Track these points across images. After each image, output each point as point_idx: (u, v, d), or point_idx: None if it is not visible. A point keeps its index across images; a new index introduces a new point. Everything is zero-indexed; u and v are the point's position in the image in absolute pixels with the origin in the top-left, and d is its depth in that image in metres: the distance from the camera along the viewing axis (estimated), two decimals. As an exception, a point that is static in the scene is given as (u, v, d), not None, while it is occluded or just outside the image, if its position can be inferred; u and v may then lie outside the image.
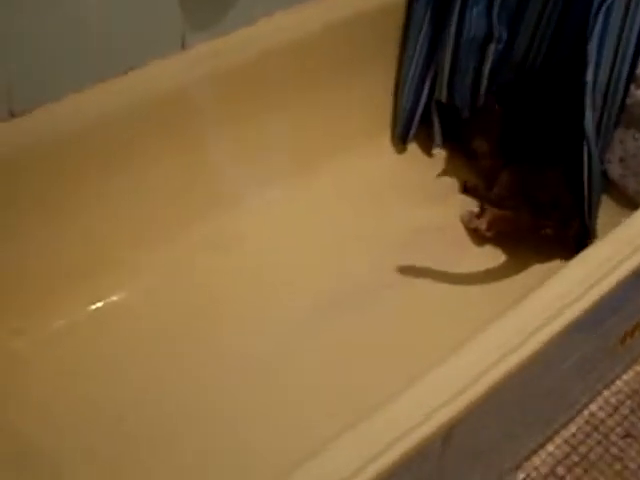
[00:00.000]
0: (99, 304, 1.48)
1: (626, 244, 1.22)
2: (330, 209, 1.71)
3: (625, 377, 1.63)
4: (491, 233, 1.67)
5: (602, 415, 1.58)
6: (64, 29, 1.25)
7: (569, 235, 1.62)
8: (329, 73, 1.64)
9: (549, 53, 1.66)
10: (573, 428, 1.55)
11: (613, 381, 1.62)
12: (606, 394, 1.61)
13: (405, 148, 1.85)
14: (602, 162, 1.63)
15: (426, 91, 1.75)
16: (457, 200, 1.76)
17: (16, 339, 1.39)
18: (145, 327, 1.47)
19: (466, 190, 1.76)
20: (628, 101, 1.60)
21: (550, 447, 1.53)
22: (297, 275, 1.58)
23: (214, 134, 1.51)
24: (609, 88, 1.56)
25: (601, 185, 1.60)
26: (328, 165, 1.74)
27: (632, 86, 1.58)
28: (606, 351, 1.49)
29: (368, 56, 1.68)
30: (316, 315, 1.51)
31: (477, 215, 1.71)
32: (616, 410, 1.58)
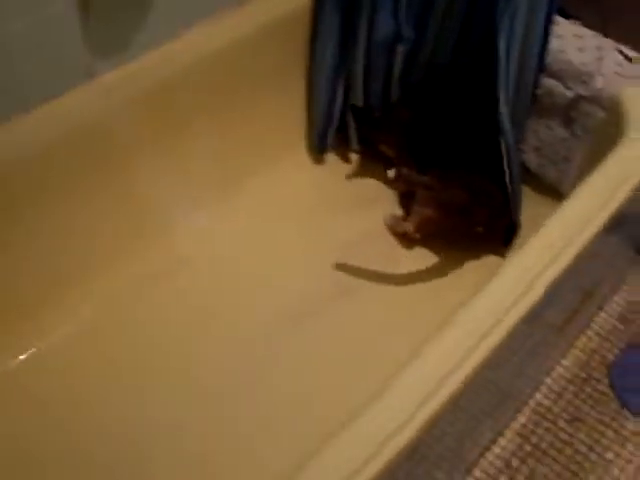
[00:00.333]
0: (33, 350, 1.42)
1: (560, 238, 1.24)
2: (261, 226, 1.68)
3: (565, 362, 1.65)
4: (420, 235, 1.67)
5: (548, 403, 1.59)
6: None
7: (498, 230, 1.64)
8: (243, 89, 1.61)
9: (457, 51, 1.67)
10: (522, 419, 1.56)
11: (553, 368, 1.64)
12: (549, 381, 1.62)
13: (324, 157, 1.83)
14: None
15: (339, 97, 1.74)
16: (381, 204, 1.76)
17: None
18: (94, 366, 1.43)
19: (398, 178, 1.75)
20: (538, 91, 1.62)
21: (502, 441, 1.53)
22: (242, 296, 1.56)
23: (137, 162, 1.45)
24: (520, 81, 1.57)
25: (521, 177, 1.62)
26: (253, 182, 1.72)
27: (541, 76, 1.60)
28: (546, 340, 1.51)
29: (280, 67, 1.66)
30: (272, 332, 1.50)
31: (403, 218, 1.71)
32: (560, 396, 1.60)
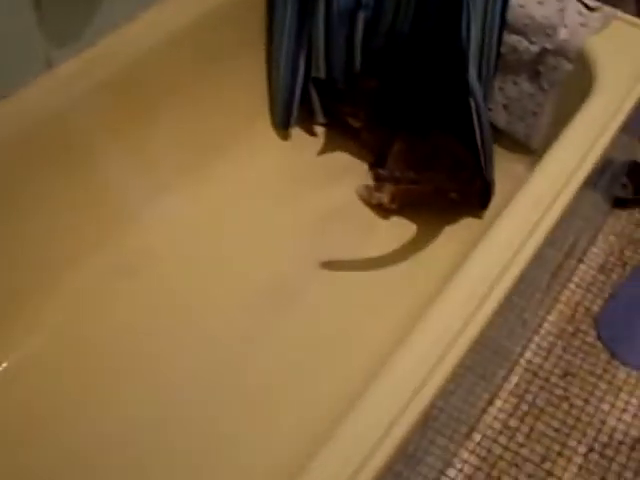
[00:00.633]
0: (4, 365, 1.35)
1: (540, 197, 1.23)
2: (231, 209, 1.63)
3: (550, 318, 1.65)
4: (396, 205, 1.64)
5: (538, 360, 1.59)
6: None
7: (473, 193, 1.62)
8: (203, 68, 1.55)
9: (418, 15, 1.63)
10: (514, 379, 1.56)
11: (540, 325, 1.64)
12: (537, 339, 1.62)
13: (289, 133, 1.79)
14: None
15: (302, 70, 1.69)
16: (352, 176, 1.72)
17: None
18: (69, 371, 1.36)
19: (379, 179, 1.69)
20: (502, 48, 1.60)
21: (498, 403, 1.53)
22: (216, 283, 1.50)
23: (100, 152, 1.39)
24: (484, 39, 1.55)
25: (492, 136, 1.60)
26: (218, 164, 1.66)
27: (505, 33, 1.58)
28: (533, 298, 1.51)
29: (240, 43, 1.61)
30: (250, 318, 1.45)
31: (375, 188, 1.69)
32: (550, 352, 1.60)
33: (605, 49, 1.49)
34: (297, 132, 1.79)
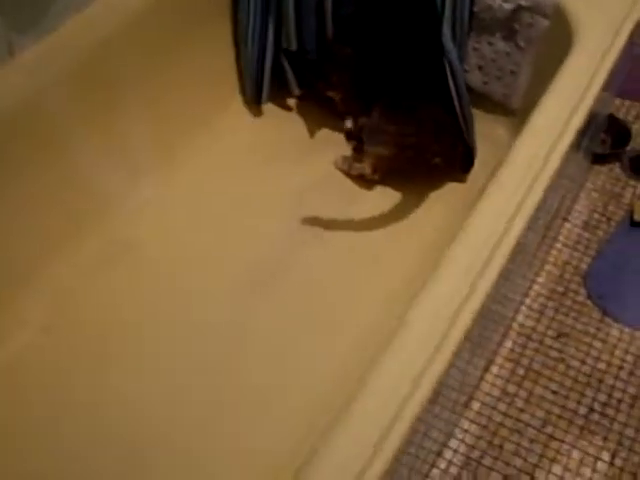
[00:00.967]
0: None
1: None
2: (210, 190, 1.59)
3: (539, 280, 1.64)
4: (378, 175, 1.60)
5: (531, 323, 1.57)
6: None
7: (456, 158, 1.59)
8: (170, 48, 1.49)
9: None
10: (509, 344, 1.54)
11: (530, 287, 1.62)
12: (528, 301, 1.60)
13: (263, 108, 1.74)
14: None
15: (270, 42, 1.63)
16: (329, 148, 1.68)
17: None
18: (57, 366, 1.33)
19: (350, 137, 1.67)
20: (475, 8, 1.57)
21: (494, 369, 1.51)
22: (201, 267, 1.47)
23: (68, 142, 1.34)
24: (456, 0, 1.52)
25: (469, 99, 1.57)
26: (192, 145, 1.61)
27: (477, -9, 1.55)
28: (525, 261, 1.49)
29: (207, 18, 1.55)
30: (240, 300, 1.42)
31: (354, 158, 1.65)
32: (542, 314, 1.59)
33: (582, 3, 1.46)
34: (271, 107, 1.75)
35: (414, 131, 1.54)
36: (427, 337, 0.99)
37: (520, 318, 1.58)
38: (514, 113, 1.68)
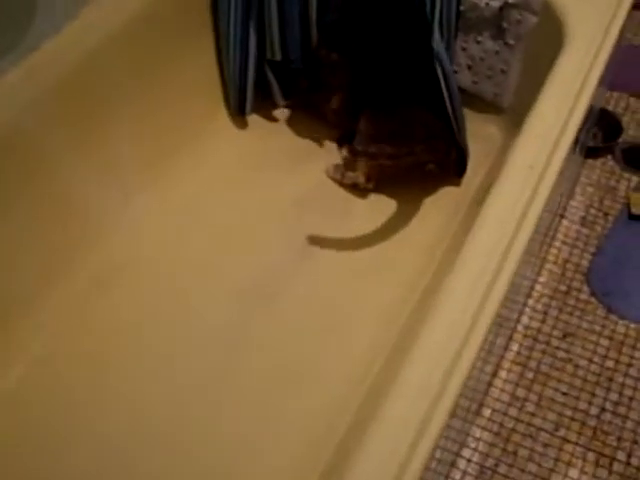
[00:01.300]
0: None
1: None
2: (203, 204, 1.55)
3: (541, 279, 1.61)
4: (372, 184, 1.57)
5: (536, 324, 1.55)
6: None
7: (449, 163, 1.56)
8: (154, 62, 1.45)
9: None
10: (515, 347, 1.52)
11: (532, 287, 1.60)
12: (531, 303, 1.58)
13: (249, 119, 1.70)
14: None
15: (253, 52, 1.60)
16: (319, 157, 1.65)
17: None
18: (46, 396, 1.29)
19: (355, 154, 1.59)
20: (462, 6, 1.54)
21: (502, 373, 1.48)
22: (197, 284, 1.44)
23: (58, 163, 1.30)
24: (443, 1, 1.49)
25: (461, 100, 1.54)
26: (181, 160, 1.58)
27: (463, -9, 1.52)
28: (529, 262, 1.46)
29: (189, 31, 1.52)
30: (236, 317, 1.39)
31: (348, 167, 1.62)
32: (546, 314, 1.56)
33: (571, -2, 1.44)
34: (258, 119, 1.71)
35: (407, 139, 1.51)
36: (446, 344, 0.98)
37: (525, 320, 1.55)
38: (505, 111, 1.65)
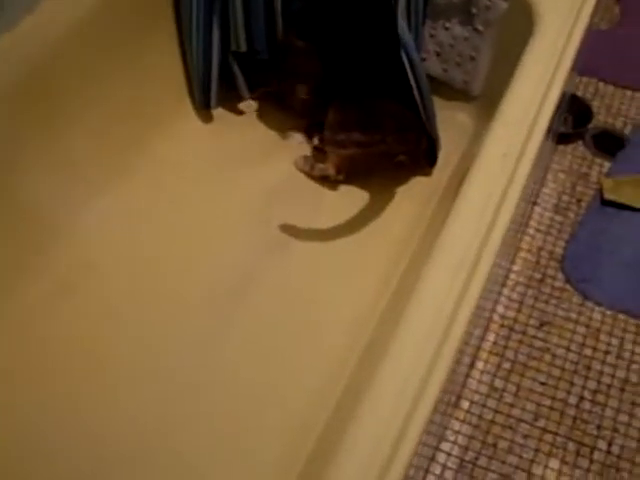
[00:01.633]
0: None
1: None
2: (168, 200, 1.51)
3: (515, 268, 1.59)
4: (342, 176, 1.54)
5: (512, 313, 1.53)
6: None
7: (420, 153, 1.53)
8: (114, 56, 1.42)
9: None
10: (491, 337, 1.50)
11: (507, 276, 1.58)
12: (506, 292, 1.56)
13: (214, 113, 1.66)
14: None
15: (217, 44, 1.55)
16: (287, 149, 1.62)
17: None
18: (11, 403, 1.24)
19: (324, 142, 1.56)
20: (430, -7, 1.52)
21: (479, 364, 1.46)
22: (168, 283, 1.40)
23: (16, 163, 1.26)
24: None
25: (430, 89, 1.51)
26: (146, 157, 1.54)
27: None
28: (503, 251, 1.44)
29: (152, 22, 1.48)
30: (210, 316, 1.36)
31: (315, 158, 1.58)
32: (522, 303, 1.54)
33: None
34: (223, 112, 1.67)
35: (376, 131, 1.48)
36: (427, 337, 0.96)
37: (500, 309, 1.53)
38: (476, 99, 1.63)
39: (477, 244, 1.04)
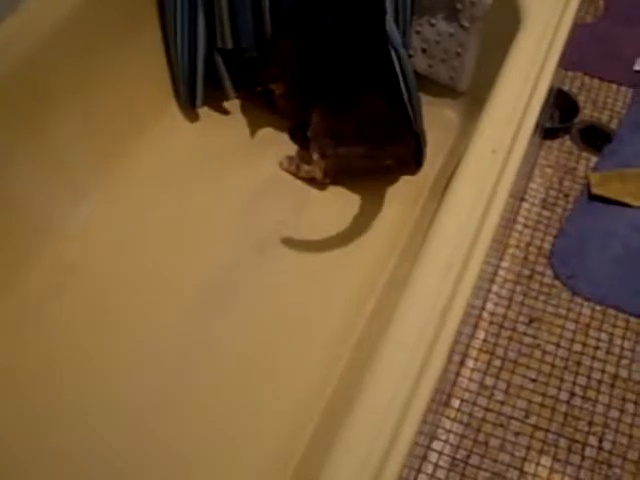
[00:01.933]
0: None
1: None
2: (153, 201, 1.50)
3: (504, 264, 1.59)
4: (329, 179, 1.53)
5: (501, 310, 1.52)
6: None
7: (407, 156, 1.52)
8: (99, 54, 1.40)
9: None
10: (481, 334, 1.49)
11: (496, 272, 1.57)
12: (495, 288, 1.55)
13: (200, 113, 1.64)
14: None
15: (202, 41, 1.53)
16: (273, 149, 1.60)
17: None
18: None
19: (323, 156, 1.51)
20: (415, -11, 1.51)
21: (470, 362, 1.46)
22: (152, 286, 1.39)
23: (2, 164, 1.24)
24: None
25: (417, 86, 1.50)
26: (131, 155, 1.53)
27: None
28: (492, 247, 1.43)
29: (137, 19, 1.46)
30: (193, 319, 1.35)
31: (301, 159, 1.57)
32: (511, 300, 1.54)
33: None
34: (209, 111, 1.65)
35: (363, 144, 1.47)
36: (419, 336, 0.95)
37: (490, 306, 1.53)
38: (462, 95, 1.62)
39: (467, 242, 1.03)
